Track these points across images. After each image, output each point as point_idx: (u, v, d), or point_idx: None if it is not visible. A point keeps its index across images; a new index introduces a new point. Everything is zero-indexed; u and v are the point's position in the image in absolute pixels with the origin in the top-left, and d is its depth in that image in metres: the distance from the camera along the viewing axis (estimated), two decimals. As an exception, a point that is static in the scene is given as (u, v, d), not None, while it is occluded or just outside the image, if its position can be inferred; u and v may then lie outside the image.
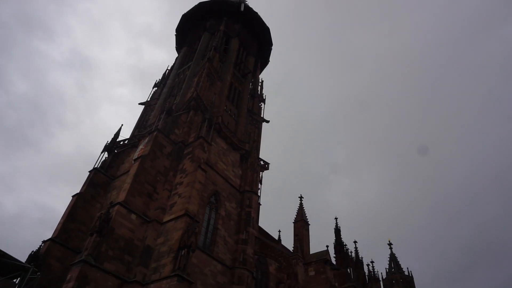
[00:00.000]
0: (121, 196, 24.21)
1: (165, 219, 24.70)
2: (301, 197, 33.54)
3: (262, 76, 49.14)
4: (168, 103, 34.44)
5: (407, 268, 79.81)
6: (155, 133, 28.38)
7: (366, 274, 39.72)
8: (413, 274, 78.34)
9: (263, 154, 39.09)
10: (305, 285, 26.21)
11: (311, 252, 29.57)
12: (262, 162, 37.19)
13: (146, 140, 28.70)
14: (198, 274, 24.57)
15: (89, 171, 30.75)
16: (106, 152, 32.93)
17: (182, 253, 21.27)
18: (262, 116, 43.38)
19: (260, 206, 34.64)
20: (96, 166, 30.99)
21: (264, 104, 45.27)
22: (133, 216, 23.66)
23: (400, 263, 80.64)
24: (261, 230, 35.78)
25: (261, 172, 35.70)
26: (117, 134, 34.26)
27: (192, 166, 26.90)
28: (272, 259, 31.40)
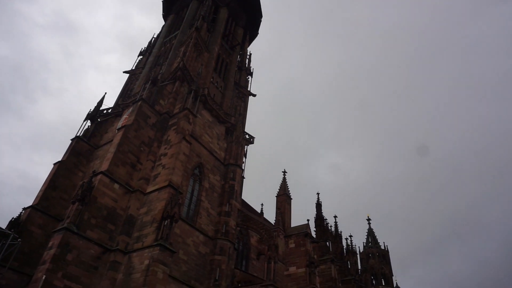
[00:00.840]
0: (104, 166, 24.03)
1: (148, 190, 24.73)
2: (284, 172, 33.97)
3: (251, 48, 48.37)
4: (153, 73, 33.71)
5: (384, 242, 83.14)
6: (139, 103, 27.91)
7: (344, 247, 41.11)
8: (388, 248, 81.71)
9: (249, 128, 39.14)
10: (285, 256, 26.99)
11: (292, 226, 30.27)
12: (247, 136, 37.23)
13: (130, 109, 28.24)
14: (181, 244, 24.96)
15: (71, 139, 30.24)
16: (89, 121, 32.32)
17: (165, 223, 21.49)
18: (249, 89, 43.01)
19: (244, 179, 35.00)
20: (78, 134, 30.47)
21: (252, 77, 44.79)
22: (116, 186, 23.60)
23: (377, 237, 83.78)
24: (244, 203, 36.30)
25: (246, 146, 35.81)
26: (100, 103, 33.55)
27: (177, 138, 26.74)
28: (254, 231, 32.06)
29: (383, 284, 73.41)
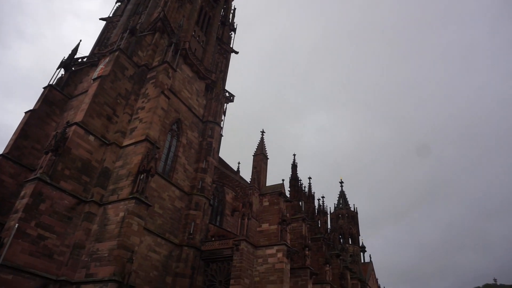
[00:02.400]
0: (79, 116, 23.39)
1: (124, 143, 24.44)
2: (262, 132, 34.06)
3: (236, 3, 46.39)
4: (132, 22, 32.05)
5: (354, 204, 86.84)
6: (116, 53, 26.79)
7: (316, 207, 42.59)
8: (358, 211, 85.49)
9: (233, 87, 38.52)
10: (258, 214, 27.78)
11: (267, 185, 30.91)
12: (227, 94, 36.79)
13: (107, 59, 27.11)
14: (156, 198, 25.21)
15: (43, 88, 29.01)
16: (62, 69, 30.86)
17: (141, 177, 21.52)
18: (231, 46, 41.91)
19: (222, 137, 35.03)
20: (51, 83, 29.21)
21: (235, 33, 43.52)
22: (91, 138, 23.17)
23: (348, 200, 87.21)
24: (221, 161, 36.59)
25: (225, 104, 35.49)
26: (75, 50, 31.92)
27: (155, 92, 26.12)
28: (230, 188, 32.64)
29: (350, 243, 77.49)
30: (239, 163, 44.75)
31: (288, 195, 34.59)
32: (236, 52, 41.74)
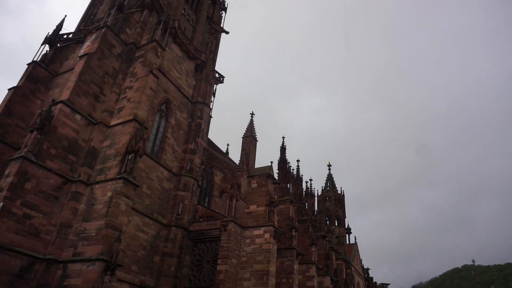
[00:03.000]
0: (65, 95, 22.90)
1: (112, 123, 24.11)
2: (252, 114, 33.98)
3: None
4: (119, -2, 31.09)
5: (341, 187, 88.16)
6: (103, 30, 26.07)
7: (304, 190, 43.05)
8: (346, 193, 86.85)
9: (220, 67, 38.08)
10: (246, 195, 27.98)
11: (256, 167, 31.03)
12: (217, 75, 36.38)
13: (94, 36, 26.39)
14: (145, 178, 25.13)
15: (27, 64, 28.20)
16: (47, 45, 29.98)
17: (129, 157, 21.36)
18: (222, 26, 41.18)
19: (211, 119, 34.83)
20: (36, 59, 28.39)
21: (226, 13, 42.69)
22: (78, 117, 22.78)
23: (335, 183, 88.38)
24: (210, 142, 36.48)
25: (215, 85, 35.14)
26: (59, 26, 30.95)
27: (144, 71, 25.65)
28: (218, 170, 32.70)
29: (336, 225, 78.95)
30: (228, 144, 44.85)
31: (277, 177, 34.85)
32: (227, 32, 41.09)
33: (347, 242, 76.44)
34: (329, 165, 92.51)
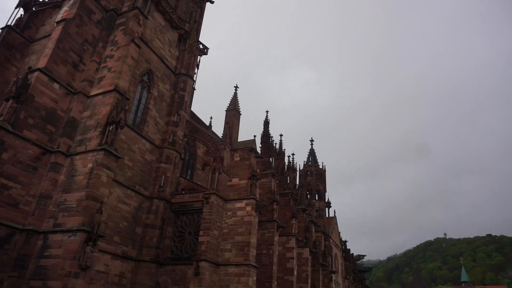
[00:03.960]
0: (42, 62, 22.05)
1: (92, 93, 23.49)
2: (236, 87, 33.61)
3: None
4: (98, -40, 29.54)
5: (322, 162, 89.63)
6: (82, -5, 24.88)
7: (286, 164, 43.56)
8: (331, 168, 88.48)
9: (206, 39, 37.24)
10: (229, 169, 28.12)
11: (239, 140, 31.04)
12: (201, 46, 35.57)
13: (72, 1, 25.17)
14: (126, 150, 24.87)
15: (1, 29, 26.83)
16: (21, 9, 28.48)
17: (110, 128, 21.01)
18: (206, -6, 39.82)
19: (195, 91, 34.36)
20: (9, 23, 27.01)
21: (210, -19, 41.16)
22: (56, 86, 22.07)
23: (318, 158, 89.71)
24: (193, 115, 36.15)
25: (199, 57, 34.43)
26: (35, -11, 29.33)
27: (125, 39, 24.82)
28: (201, 143, 32.61)
29: (317, 198, 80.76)
30: (211, 118, 44.50)
31: (259, 151, 35.06)
32: (212, 2, 39.86)
33: (327, 216, 78.56)
34: (312, 140, 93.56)
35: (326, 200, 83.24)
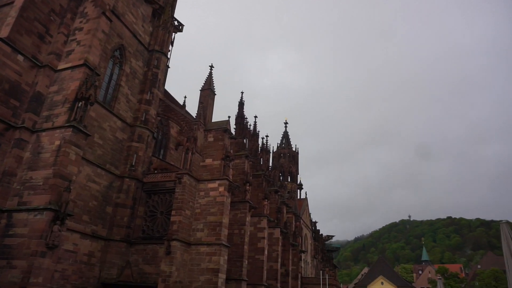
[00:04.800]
0: (4, 32, 20.71)
1: (60, 67, 22.43)
2: (211, 67, 33.01)
3: None
4: None
5: (295, 145, 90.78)
6: (48, -39, 23.38)
7: (260, 146, 43.74)
8: (305, 150, 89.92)
9: (182, 15, 36.09)
10: (202, 149, 27.93)
11: (213, 121, 30.76)
12: (176, 23, 34.51)
13: (37, -33, 23.62)
14: (96, 128, 24.14)
15: (-42, -7, 24.92)
16: (-19, -27, 26.49)
17: (79, 105, 20.23)
18: (182, -31, 38.46)
19: (169, 69, 33.52)
20: (-33, -12, 25.10)
21: (187, -46, 39.71)
22: (20, 58, 20.88)
23: (291, 140, 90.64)
24: (166, 93, 35.37)
25: (174, 33, 33.45)
26: (-4, -49, 27.28)
27: (95, 12, 23.67)
28: (175, 122, 32.09)
29: (289, 180, 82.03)
30: (185, 97, 43.69)
31: (234, 132, 34.95)
32: (187, -23, 38.51)
33: (298, 197, 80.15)
34: (286, 123, 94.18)
35: (298, 182, 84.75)
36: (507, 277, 8.68)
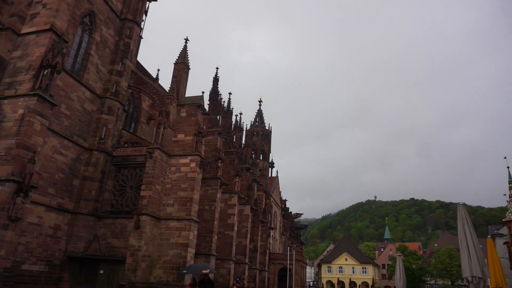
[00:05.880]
0: (-39, -11, 19.20)
1: (24, 31, 21.13)
2: (186, 39, 32.10)
3: None
4: None
5: (269, 123, 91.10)
6: None
7: (233, 123, 43.56)
8: (272, 130, 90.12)
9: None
10: (175, 124, 27.49)
11: (186, 96, 30.19)
12: (150, -9, 33.04)
13: None
14: (63, 97, 23.17)
15: None
16: None
17: (45, 72, 19.27)
18: None
19: (142, 40, 32.36)
20: None
21: None
22: (-20, 18, 19.48)
23: (264, 119, 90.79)
24: (139, 65, 34.27)
25: (148, 2, 32.09)
26: None
27: (63, -26, 22.25)
28: (147, 95, 31.26)
29: (261, 158, 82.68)
30: (158, 70, 42.54)
31: (207, 108, 34.55)
32: None
33: (270, 175, 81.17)
34: (260, 101, 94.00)
35: (270, 160, 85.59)
36: (460, 254, 9.27)
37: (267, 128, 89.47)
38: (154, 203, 24.28)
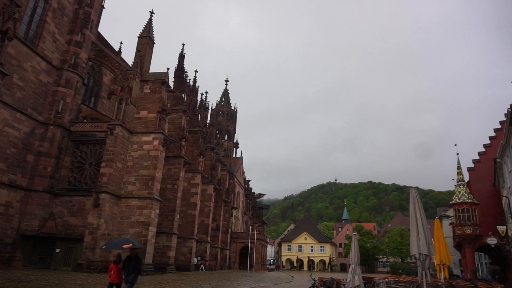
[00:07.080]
0: None
1: (-30, -9, 19.35)
2: (152, 12, 30.78)
3: None
4: None
5: (235, 104, 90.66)
6: None
7: (199, 101, 42.89)
8: (238, 110, 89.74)
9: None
10: (138, 100, 26.62)
11: (151, 71, 29.19)
12: (113, -42, 31.24)
13: None
14: (16, 67, 21.73)
15: None
16: None
17: (-5, 39, 17.86)
18: None
19: (104, 9, 30.71)
20: None
21: None
22: None
23: (230, 99, 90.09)
24: (100, 37, 32.59)
25: (110, -30, 30.35)
26: None
27: None
28: (108, 69, 29.94)
29: (226, 139, 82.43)
30: (121, 43, 40.69)
31: (172, 86, 33.70)
32: None
33: (234, 156, 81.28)
34: (227, 80, 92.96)
35: (235, 140, 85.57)
36: (410, 234, 9.83)
37: (233, 108, 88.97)
38: (114, 181, 23.67)
